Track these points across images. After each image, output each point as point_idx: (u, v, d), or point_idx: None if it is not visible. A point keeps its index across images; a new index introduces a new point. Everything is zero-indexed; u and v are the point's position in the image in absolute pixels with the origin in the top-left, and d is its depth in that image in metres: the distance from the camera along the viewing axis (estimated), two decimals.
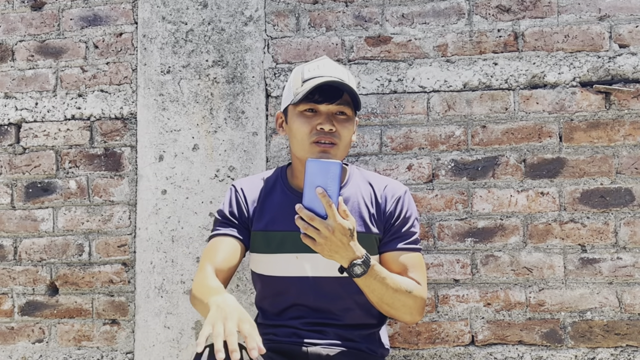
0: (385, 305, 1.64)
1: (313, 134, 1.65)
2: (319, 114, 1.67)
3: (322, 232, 1.47)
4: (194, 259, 2.12)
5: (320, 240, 1.48)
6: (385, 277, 1.59)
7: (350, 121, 1.69)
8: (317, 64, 1.71)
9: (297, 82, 1.70)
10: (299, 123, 1.67)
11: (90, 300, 2.19)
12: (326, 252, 1.50)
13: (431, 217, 2.05)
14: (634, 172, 1.99)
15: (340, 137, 1.66)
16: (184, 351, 2.11)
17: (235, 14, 2.17)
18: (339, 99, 1.66)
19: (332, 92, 1.66)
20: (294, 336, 1.68)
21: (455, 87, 2.07)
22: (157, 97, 2.18)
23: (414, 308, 1.66)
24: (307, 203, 1.47)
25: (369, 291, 1.60)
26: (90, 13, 2.26)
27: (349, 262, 1.53)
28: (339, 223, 1.46)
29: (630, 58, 2.00)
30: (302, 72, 1.71)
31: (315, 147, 1.65)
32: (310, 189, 1.46)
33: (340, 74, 1.70)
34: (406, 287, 1.63)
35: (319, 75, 1.67)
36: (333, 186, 1.45)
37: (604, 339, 1.97)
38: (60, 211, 2.23)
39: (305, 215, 1.47)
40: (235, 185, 1.82)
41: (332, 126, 1.64)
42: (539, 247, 2.01)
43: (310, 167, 1.47)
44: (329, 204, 1.45)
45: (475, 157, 2.05)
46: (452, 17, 2.09)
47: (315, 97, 1.65)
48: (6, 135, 2.28)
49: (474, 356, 2.01)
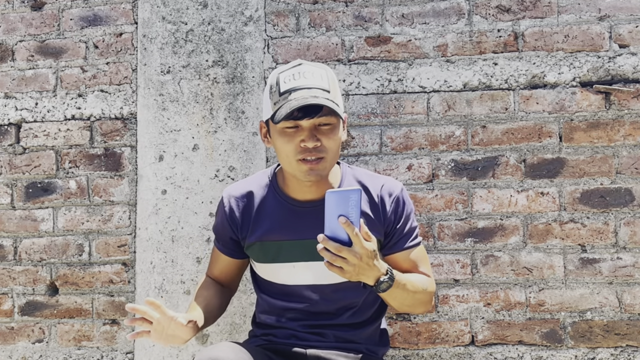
0: (405, 307, 1.67)
1: (298, 152, 1.57)
2: (301, 129, 1.57)
3: (350, 260, 1.45)
4: (194, 259, 2.12)
5: (349, 269, 1.47)
6: (406, 283, 1.60)
7: (334, 130, 1.60)
8: (293, 73, 1.60)
9: (274, 95, 1.59)
10: (282, 142, 1.59)
11: (90, 300, 2.19)
12: (354, 277, 1.49)
13: (431, 217, 2.05)
14: (634, 172, 1.99)
15: (326, 150, 1.58)
16: (184, 351, 2.11)
17: (235, 14, 2.17)
18: (320, 111, 1.56)
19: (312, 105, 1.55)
20: (293, 338, 1.68)
21: (455, 87, 2.07)
22: (157, 97, 2.18)
23: (429, 301, 1.72)
24: (330, 233, 1.45)
25: (391, 299, 1.60)
26: (90, 13, 2.26)
27: (376, 281, 1.53)
28: (365, 248, 1.45)
29: (630, 58, 2.00)
30: (277, 81, 1.60)
31: (302, 165, 1.57)
32: (332, 219, 1.44)
33: (319, 80, 1.58)
34: (422, 285, 1.66)
35: (297, 87, 1.56)
36: (354, 213, 1.44)
37: (604, 339, 1.97)
38: (60, 211, 2.23)
39: (333, 247, 1.44)
40: (223, 198, 1.76)
41: (317, 141, 1.56)
42: (539, 247, 2.01)
43: (330, 198, 1.44)
44: (355, 233, 1.43)
45: (475, 157, 2.05)
46: (452, 17, 2.09)
47: (295, 114, 1.55)
48: (6, 135, 2.28)
49: (474, 356, 2.01)
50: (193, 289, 2.11)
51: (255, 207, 1.72)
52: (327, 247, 1.45)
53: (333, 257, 1.45)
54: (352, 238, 1.44)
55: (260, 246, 1.70)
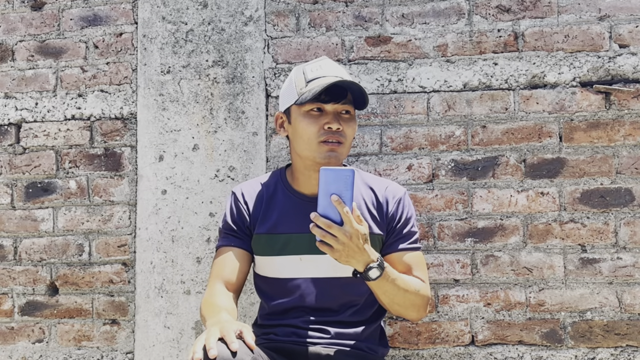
0: (395, 305, 1.67)
1: (321, 134, 1.66)
2: (325, 113, 1.69)
3: (339, 238, 1.48)
4: (194, 259, 2.12)
5: (338, 247, 1.49)
6: (397, 278, 1.62)
7: (353, 120, 1.73)
8: (319, 64, 1.72)
9: (300, 83, 1.70)
10: (306, 123, 1.68)
11: (90, 300, 2.19)
12: (343, 258, 1.52)
13: (431, 217, 2.05)
14: (634, 172, 1.99)
15: (346, 136, 1.69)
16: (184, 351, 2.11)
17: (235, 14, 2.17)
18: (344, 98, 1.68)
19: (338, 91, 1.67)
20: (294, 335, 1.69)
21: (455, 87, 2.07)
22: (157, 97, 2.18)
23: (421, 306, 1.71)
24: (322, 211, 1.49)
25: (381, 293, 1.62)
26: (90, 13, 2.26)
27: (365, 266, 1.55)
28: (355, 229, 1.48)
29: (630, 58, 2.00)
30: (304, 72, 1.72)
31: (323, 147, 1.67)
32: (325, 197, 1.48)
33: (342, 73, 1.73)
34: (414, 286, 1.67)
35: (323, 75, 1.69)
36: (347, 193, 1.47)
37: (604, 339, 1.97)
38: (60, 211, 2.23)
39: (323, 223, 1.48)
40: (235, 191, 1.82)
41: (339, 125, 1.67)
42: (539, 247, 2.01)
43: (324, 176, 1.48)
44: (345, 212, 1.47)
45: (475, 157, 2.05)
46: (452, 17, 2.09)
47: (322, 97, 1.66)
48: (6, 135, 2.28)
49: (474, 356, 2.01)
50: (193, 288, 2.11)
51: (265, 199, 1.77)
52: (318, 224, 1.48)
53: (323, 233, 1.48)
54: (342, 216, 1.47)
55: (268, 238, 1.73)
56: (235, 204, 1.79)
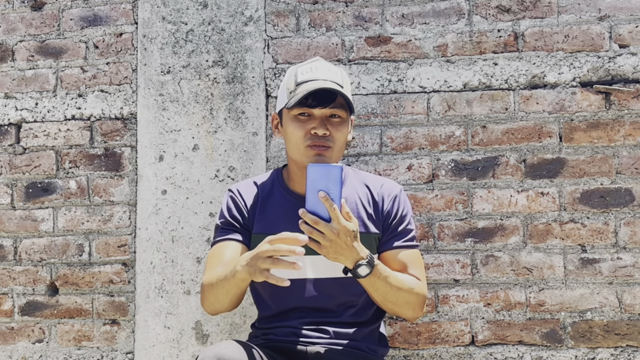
0: (389, 303, 1.66)
1: (307, 138, 1.66)
2: (312, 117, 1.67)
3: (327, 235, 1.48)
4: (194, 259, 2.12)
5: (326, 243, 1.49)
6: (389, 275, 1.61)
7: (344, 123, 1.69)
8: (311, 66, 1.70)
9: (290, 85, 1.69)
10: (293, 127, 1.68)
11: (90, 300, 2.20)
12: (331, 255, 1.51)
13: (431, 217, 2.05)
14: (634, 172, 1.99)
15: (334, 141, 1.67)
16: (184, 351, 2.11)
17: (235, 14, 2.17)
18: (333, 102, 1.66)
19: (326, 95, 1.65)
20: (293, 335, 1.69)
21: (455, 87, 2.07)
22: (157, 97, 2.19)
23: (416, 304, 1.69)
24: (310, 207, 1.48)
25: (373, 290, 1.62)
26: (90, 13, 2.26)
27: (354, 263, 1.54)
28: (343, 225, 1.48)
29: (630, 58, 2.01)
30: (295, 74, 1.70)
31: (310, 151, 1.66)
32: (313, 193, 1.47)
33: (334, 76, 1.69)
34: (408, 284, 1.66)
35: (313, 79, 1.66)
36: (335, 189, 1.47)
37: (604, 339, 1.97)
38: (60, 211, 2.23)
39: (310, 219, 1.48)
40: (232, 190, 1.81)
41: (326, 130, 1.65)
42: (539, 247, 2.01)
43: (311, 172, 1.48)
44: (332, 208, 1.46)
45: (475, 157, 2.05)
46: (452, 17, 2.09)
47: (309, 102, 1.65)
48: (6, 135, 2.28)
49: (474, 356, 2.01)
50: (193, 289, 2.11)
51: (261, 198, 1.77)
52: (305, 220, 1.48)
53: (310, 229, 1.48)
54: (330, 213, 1.47)
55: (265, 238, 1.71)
56: (233, 200, 1.79)
